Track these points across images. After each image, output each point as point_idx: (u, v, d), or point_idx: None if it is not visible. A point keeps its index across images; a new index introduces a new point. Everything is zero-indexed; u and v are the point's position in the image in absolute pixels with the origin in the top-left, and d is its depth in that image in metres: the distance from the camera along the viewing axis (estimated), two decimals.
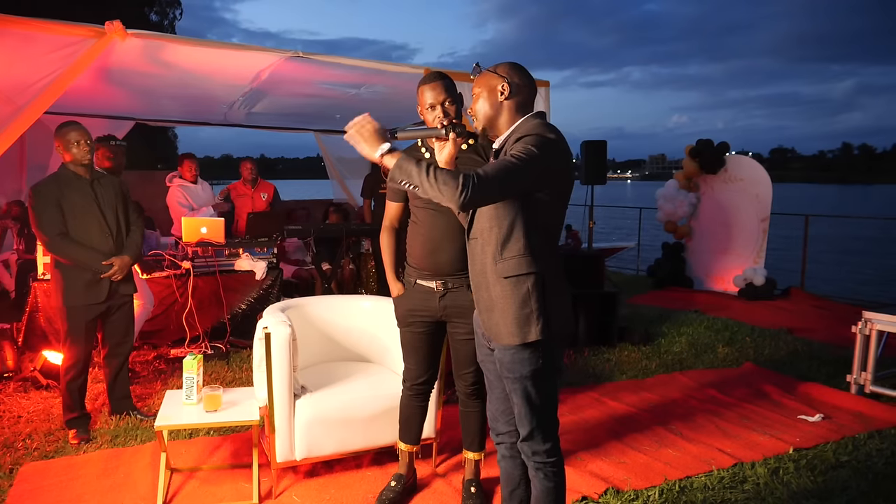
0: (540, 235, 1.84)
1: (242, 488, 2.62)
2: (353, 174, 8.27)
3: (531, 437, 1.89)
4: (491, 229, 1.84)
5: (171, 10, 24.08)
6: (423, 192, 1.70)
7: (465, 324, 2.32)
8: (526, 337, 1.80)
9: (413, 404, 2.53)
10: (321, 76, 4.59)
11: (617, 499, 2.55)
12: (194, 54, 3.90)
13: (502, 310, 1.82)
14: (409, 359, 2.49)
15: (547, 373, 1.86)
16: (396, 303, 2.45)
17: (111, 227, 3.13)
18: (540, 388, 1.85)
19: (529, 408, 1.86)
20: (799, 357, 4.63)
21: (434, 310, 2.35)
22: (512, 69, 1.91)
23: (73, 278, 3.03)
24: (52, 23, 3.07)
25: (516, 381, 1.86)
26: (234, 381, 3.90)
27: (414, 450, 2.61)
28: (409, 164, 1.72)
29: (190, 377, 2.58)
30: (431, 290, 2.33)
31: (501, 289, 1.82)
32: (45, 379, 3.71)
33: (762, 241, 7.03)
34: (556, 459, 1.91)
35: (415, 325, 2.41)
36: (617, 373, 4.22)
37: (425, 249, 2.30)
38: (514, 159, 1.71)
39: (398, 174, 1.74)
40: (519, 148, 1.75)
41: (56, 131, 3.06)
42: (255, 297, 4.67)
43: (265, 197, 5.63)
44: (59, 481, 2.65)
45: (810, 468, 2.84)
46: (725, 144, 7.41)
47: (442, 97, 2.21)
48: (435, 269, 2.31)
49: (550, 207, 1.85)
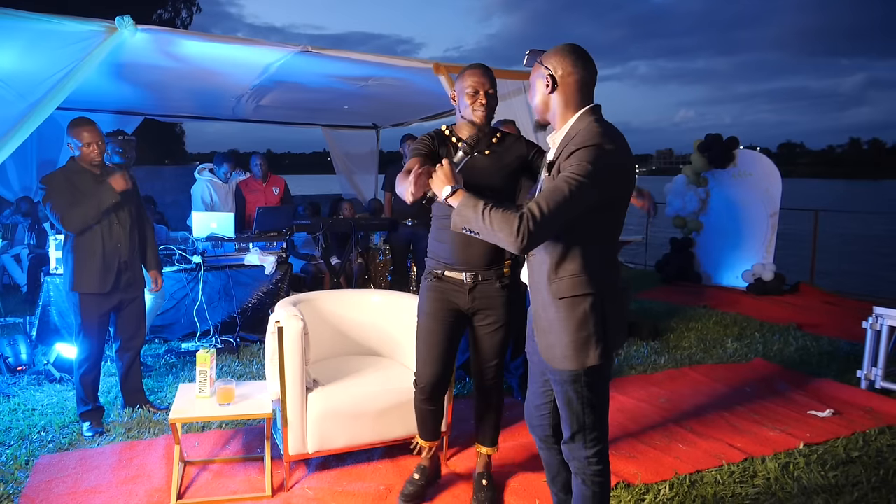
0: (598, 251, 1.72)
1: (255, 480, 2.64)
2: (360, 169, 8.28)
3: (573, 441, 1.82)
4: (546, 247, 1.72)
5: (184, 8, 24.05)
6: (483, 237, 1.66)
7: (492, 314, 2.33)
8: (584, 363, 1.69)
9: (425, 408, 2.49)
10: (329, 71, 4.60)
11: (628, 493, 2.56)
12: (204, 49, 3.92)
13: (558, 333, 1.71)
14: (424, 354, 2.39)
15: (592, 384, 1.75)
16: (425, 294, 2.38)
17: (121, 217, 3.14)
18: (583, 397, 1.76)
19: (570, 413, 1.78)
20: (808, 353, 4.61)
21: (463, 302, 2.32)
22: (559, 57, 1.72)
23: (85, 266, 3.04)
24: (64, 18, 3.09)
25: (557, 385, 1.78)
26: (244, 374, 3.93)
27: (435, 444, 2.59)
28: (467, 209, 1.66)
29: (203, 371, 2.60)
30: (461, 282, 2.31)
31: (556, 311, 1.70)
32: (59, 372, 3.75)
33: (771, 236, 6.99)
34: (599, 469, 1.82)
35: (437, 318, 2.34)
36: (626, 368, 4.22)
37: (457, 243, 2.26)
38: (570, 185, 1.56)
39: (459, 220, 1.69)
40: (574, 167, 1.59)
41: (69, 128, 3.07)
42: (264, 292, 4.69)
43: (276, 192, 5.65)
44: (75, 473, 2.68)
45: (821, 463, 2.84)
46: (735, 139, 7.35)
47: (486, 85, 2.23)
48: (466, 263, 2.28)
49: (610, 220, 1.73)
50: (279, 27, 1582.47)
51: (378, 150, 8.28)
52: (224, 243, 4.58)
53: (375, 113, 7.09)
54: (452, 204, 1.73)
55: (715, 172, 7.41)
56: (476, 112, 2.24)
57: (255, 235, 4.78)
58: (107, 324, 3.21)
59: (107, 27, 3.18)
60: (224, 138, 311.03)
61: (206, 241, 4.52)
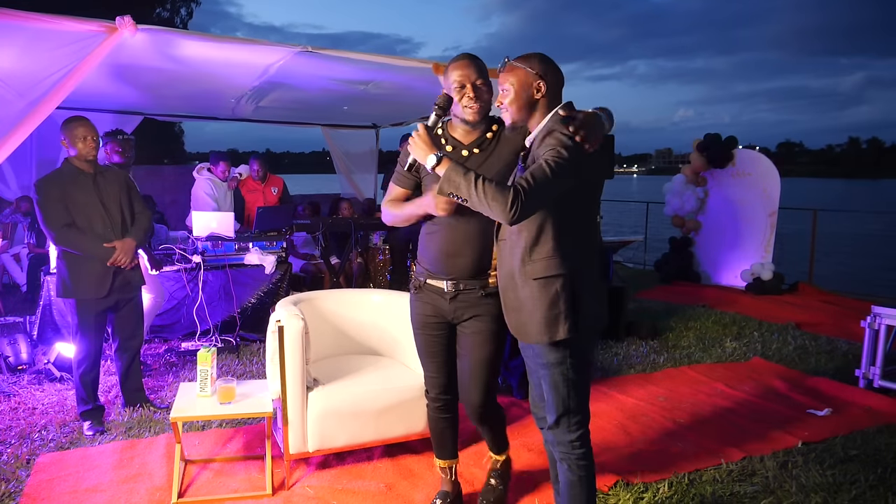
0: (571, 234, 1.82)
1: (256, 479, 2.65)
2: (360, 169, 8.28)
3: (557, 426, 1.91)
4: (520, 232, 1.83)
5: (182, 6, 24.02)
6: (471, 206, 1.72)
7: (476, 323, 2.17)
8: (553, 336, 1.81)
9: (440, 418, 2.35)
10: (329, 71, 4.60)
11: (627, 491, 2.56)
12: (204, 50, 3.92)
13: (530, 311, 1.82)
14: (428, 365, 2.31)
15: (576, 365, 1.87)
16: (411, 307, 2.32)
17: (114, 221, 3.14)
18: (568, 379, 1.86)
19: (556, 397, 1.88)
20: (807, 352, 4.62)
21: (445, 311, 2.21)
22: (545, 64, 1.85)
23: (79, 270, 3.05)
24: (64, 18, 3.09)
25: (544, 368, 1.88)
26: (244, 374, 3.93)
27: (454, 464, 2.44)
28: (458, 176, 1.71)
29: (204, 370, 2.60)
30: (441, 290, 2.19)
31: (530, 290, 1.82)
32: (59, 371, 3.75)
33: (770, 235, 7.01)
34: (583, 451, 1.92)
35: (428, 328, 2.26)
36: (625, 367, 4.23)
37: (443, 253, 2.15)
38: (550, 165, 1.69)
39: (446, 186, 1.74)
40: (551, 150, 1.71)
41: (63, 126, 3.08)
42: (264, 292, 4.70)
43: (275, 191, 5.66)
44: (75, 472, 2.69)
45: (819, 462, 2.85)
46: (734, 139, 7.37)
47: (473, 76, 2.04)
48: (449, 272, 2.16)
49: (582, 203, 1.83)
50: (278, 26, 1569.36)
51: (378, 150, 8.29)
52: (224, 243, 4.59)
53: (375, 113, 7.10)
54: (439, 173, 1.78)
55: (714, 172, 7.42)
56: (466, 109, 2.05)
57: (255, 235, 4.79)
58: (104, 323, 3.21)
59: (107, 27, 3.19)
60: (223, 137, 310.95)
61: (206, 241, 4.53)
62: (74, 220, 3.04)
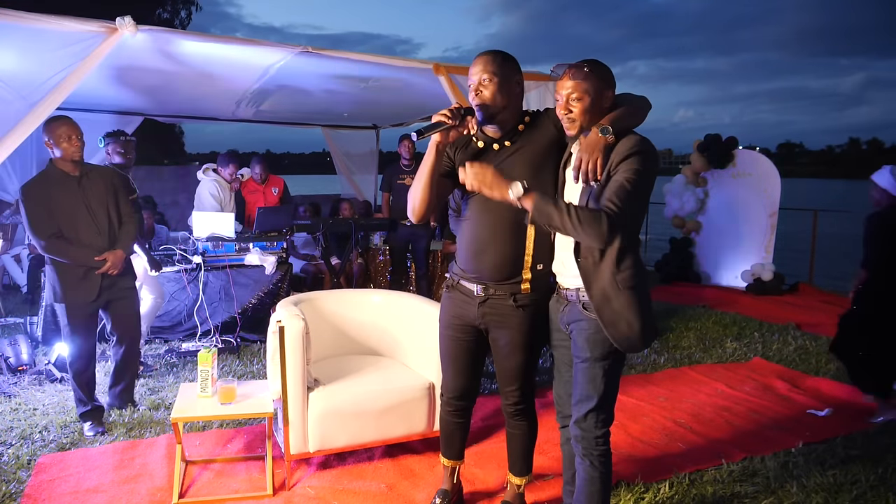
0: (637, 244, 1.94)
1: (256, 480, 2.65)
2: (360, 169, 8.29)
3: (585, 419, 1.93)
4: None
5: (182, 8, 23.99)
6: (563, 233, 1.81)
7: (505, 334, 2.11)
8: (651, 341, 1.90)
9: (452, 420, 2.34)
10: (328, 72, 4.60)
11: (627, 491, 2.56)
12: (204, 50, 3.92)
13: (629, 321, 1.85)
14: (447, 368, 2.29)
15: (617, 362, 1.95)
16: (442, 304, 2.26)
17: (100, 224, 3.10)
18: (607, 375, 1.92)
19: (593, 389, 1.91)
20: (807, 352, 4.62)
21: (472, 316, 2.14)
22: (609, 73, 1.90)
23: (67, 275, 3.03)
24: (64, 18, 3.09)
25: (586, 361, 1.92)
26: (245, 374, 3.93)
27: (458, 465, 2.44)
28: (548, 207, 1.78)
29: (205, 370, 2.61)
30: (472, 292, 2.12)
31: (626, 299, 1.85)
32: (60, 372, 3.75)
33: (770, 236, 7.00)
34: (604, 449, 1.96)
35: (453, 330, 2.21)
36: (625, 367, 4.22)
37: (470, 251, 2.10)
38: (631, 184, 1.77)
39: (538, 217, 1.81)
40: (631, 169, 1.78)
41: (45, 126, 3.01)
42: (265, 292, 4.70)
43: (276, 192, 5.66)
44: (76, 473, 2.69)
45: (820, 462, 2.85)
46: (734, 139, 7.37)
47: (480, 73, 1.98)
48: (478, 273, 2.09)
49: (642, 217, 1.96)
50: (278, 27, 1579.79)
51: (378, 150, 8.29)
52: (224, 243, 4.59)
53: (375, 113, 7.10)
54: (525, 206, 1.80)
55: (714, 172, 7.43)
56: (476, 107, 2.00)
57: (256, 236, 4.79)
58: (95, 324, 3.19)
59: (107, 27, 3.19)
60: (223, 138, 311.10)
61: (207, 242, 4.53)
62: (61, 228, 2.99)
